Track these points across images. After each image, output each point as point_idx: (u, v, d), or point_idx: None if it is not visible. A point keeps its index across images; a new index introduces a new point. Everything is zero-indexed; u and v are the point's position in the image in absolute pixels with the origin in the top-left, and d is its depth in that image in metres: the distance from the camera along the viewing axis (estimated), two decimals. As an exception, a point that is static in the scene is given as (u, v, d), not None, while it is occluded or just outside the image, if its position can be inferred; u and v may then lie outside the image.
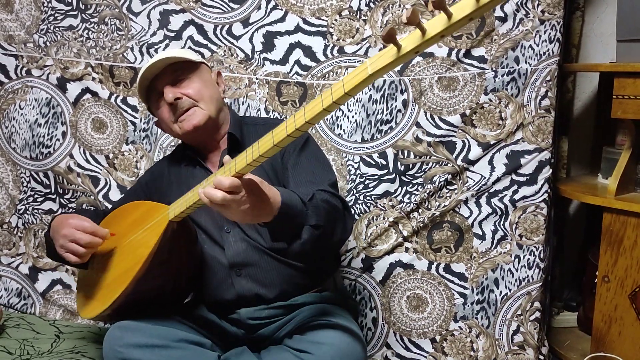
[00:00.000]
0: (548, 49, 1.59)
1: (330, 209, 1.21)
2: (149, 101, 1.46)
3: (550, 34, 1.58)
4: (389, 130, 1.68)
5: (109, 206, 1.73)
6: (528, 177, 1.62)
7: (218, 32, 1.74)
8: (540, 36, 1.58)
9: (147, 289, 1.27)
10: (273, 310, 1.36)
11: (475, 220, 1.66)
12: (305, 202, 1.15)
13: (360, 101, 1.67)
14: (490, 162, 1.64)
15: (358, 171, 1.69)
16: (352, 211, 1.69)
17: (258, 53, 1.73)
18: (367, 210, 1.69)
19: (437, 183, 1.66)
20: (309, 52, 1.70)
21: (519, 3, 1.57)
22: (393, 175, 1.68)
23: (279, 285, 1.35)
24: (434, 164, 1.66)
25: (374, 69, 0.83)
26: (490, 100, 1.62)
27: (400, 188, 1.68)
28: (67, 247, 1.27)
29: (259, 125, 1.45)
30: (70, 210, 1.86)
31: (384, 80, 1.66)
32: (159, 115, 1.44)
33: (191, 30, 1.75)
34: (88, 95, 1.83)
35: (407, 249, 1.69)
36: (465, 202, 1.66)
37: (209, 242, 1.40)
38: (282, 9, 1.70)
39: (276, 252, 1.35)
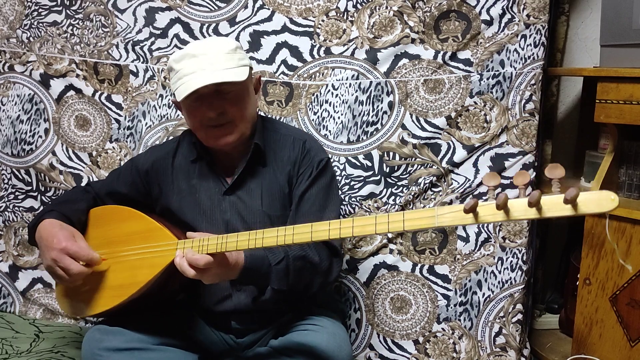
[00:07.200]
0: (533, 53, 1.60)
1: (304, 267, 1.23)
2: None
3: (535, 38, 1.59)
4: (374, 132, 1.68)
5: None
6: (512, 180, 1.63)
7: (204, 30, 1.73)
8: (525, 40, 1.60)
9: (138, 299, 1.26)
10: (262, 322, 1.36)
11: (459, 222, 1.66)
12: (271, 266, 1.21)
13: (346, 102, 1.67)
14: (475, 164, 1.65)
15: (343, 172, 1.69)
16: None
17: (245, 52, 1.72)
18: (352, 212, 1.69)
19: (422, 185, 1.66)
20: (295, 52, 1.69)
21: (504, 7, 1.58)
22: (378, 177, 1.68)
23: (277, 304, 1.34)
24: (419, 166, 1.67)
25: (441, 223, 0.81)
26: (475, 103, 1.63)
27: (385, 190, 1.68)
28: (56, 272, 1.22)
29: (279, 134, 1.37)
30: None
31: (370, 82, 1.66)
32: (187, 110, 1.28)
33: (177, 29, 1.73)
34: (72, 92, 1.81)
35: (391, 251, 1.69)
36: (450, 204, 1.66)
37: None
38: (269, 9, 1.69)
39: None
